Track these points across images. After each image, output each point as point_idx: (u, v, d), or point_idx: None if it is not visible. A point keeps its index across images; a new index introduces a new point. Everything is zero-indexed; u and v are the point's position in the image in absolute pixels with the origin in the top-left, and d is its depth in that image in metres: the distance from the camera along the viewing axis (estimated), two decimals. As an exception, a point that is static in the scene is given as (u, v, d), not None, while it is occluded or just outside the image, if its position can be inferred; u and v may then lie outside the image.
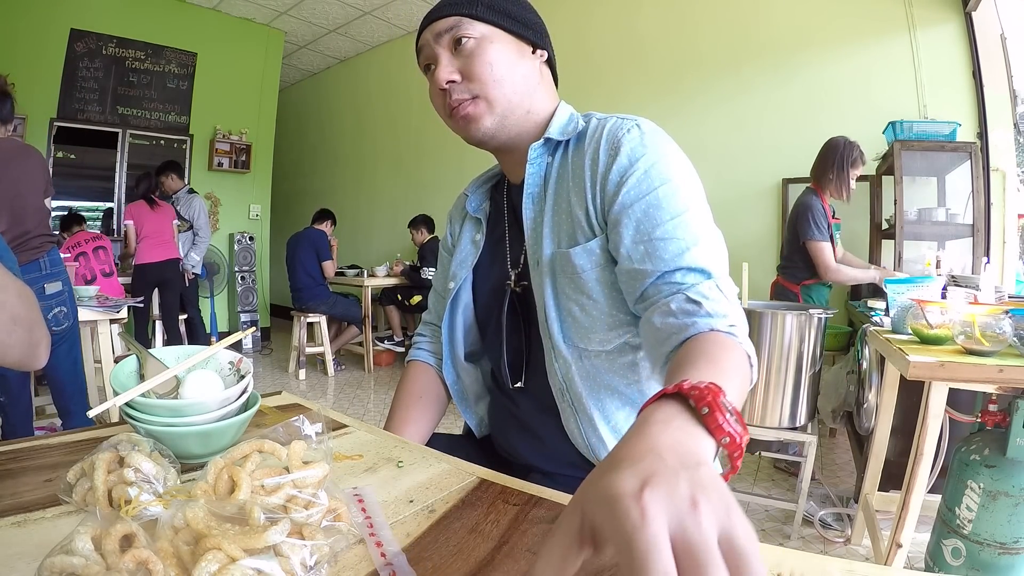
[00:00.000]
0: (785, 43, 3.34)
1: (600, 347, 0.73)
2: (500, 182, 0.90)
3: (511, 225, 0.85)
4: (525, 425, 0.82)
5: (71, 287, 2.02)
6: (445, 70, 0.72)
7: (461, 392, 0.91)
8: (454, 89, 0.73)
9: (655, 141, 0.69)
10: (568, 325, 0.74)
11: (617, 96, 4.02)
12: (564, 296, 0.73)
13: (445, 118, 0.77)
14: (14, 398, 1.89)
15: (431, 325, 0.98)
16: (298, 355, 4.22)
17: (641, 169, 0.67)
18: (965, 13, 2.78)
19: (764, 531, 1.91)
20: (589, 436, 0.74)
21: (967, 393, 1.33)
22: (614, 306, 0.72)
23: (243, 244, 5.32)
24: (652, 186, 0.66)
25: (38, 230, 1.90)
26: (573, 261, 0.71)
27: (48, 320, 1.89)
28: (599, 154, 0.71)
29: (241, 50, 5.26)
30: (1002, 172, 2.73)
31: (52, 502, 0.49)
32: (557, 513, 0.50)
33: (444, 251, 0.98)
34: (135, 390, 0.57)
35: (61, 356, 1.99)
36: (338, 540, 0.42)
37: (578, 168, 0.73)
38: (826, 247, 2.33)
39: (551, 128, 0.76)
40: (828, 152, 2.44)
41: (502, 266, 0.84)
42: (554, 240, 0.75)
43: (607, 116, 0.76)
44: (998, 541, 1.19)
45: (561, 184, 0.76)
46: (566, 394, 0.75)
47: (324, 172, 6.88)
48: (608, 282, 0.71)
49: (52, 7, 4.16)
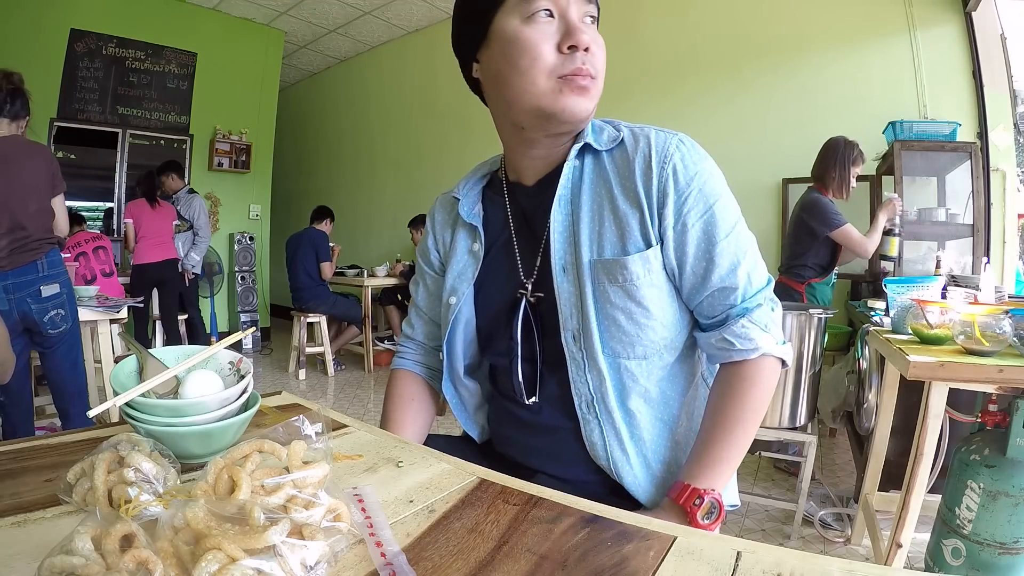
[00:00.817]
0: (785, 43, 3.34)
1: (642, 356, 0.73)
2: (493, 182, 0.85)
3: (519, 230, 0.80)
4: (536, 430, 0.80)
5: (71, 289, 2.00)
6: (590, 32, 0.67)
7: (460, 405, 0.88)
8: (587, 59, 0.67)
9: (700, 157, 0.73)
10: (611, 334, 0.73)
11: (618, 97, 4.00)
12: (609, 304, 0.72)
13: (546, 78, 0.67)
14: (14, 398, 1.89)
15: (415, 342, 0.94)
16: (298, 355, 4.22)
17: (696, 188, 0.71)
18: (965, 13, 2.78)
19: (764, 531, 1.91)
20: (613, 450, 0.73)
21: (967, 393, 1.33)
22: (663, 314, 0.73)
23: (243, 244, 5.32)
24: (708, 204, 0.71)
25: (38, 233, 1.88)
26: (628, 268, 0.71)
27: (44, 323, 1.88)
28: (652, 168, 0.71)
29: (241, 50, 5.26)
30: (1002, 172, 2.73)
31: (52, 502, 0.49)
32: (557, 513, 0.50)
33: (425, 265, 0.91)
34: (135, 390, 0.57)
35: (60, 358, 1.97)
36: (338, 540, 0.42)
37: (624, 179, 0.73)
38: (850, 230, 2.36)
39: (586, 134, 0.75)
40: (829, 152, 2.44)
41: (512, 276, 0.80)
42: (594, 247, 0.73)
43: (641, 127, 0.75)
44: (998, 541, 1.19)
45: (598, 191, 0.74)
46: (595, 405, 0.74)
47: (324, 172, 6.88)
48: (659, 290, 0.72)
49: (52, 7, 4.16)
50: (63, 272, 1.97)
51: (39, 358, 2.01)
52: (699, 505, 0.66)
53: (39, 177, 1.91)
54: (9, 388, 1.86)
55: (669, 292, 0.73)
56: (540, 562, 0.42)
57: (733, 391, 0.72)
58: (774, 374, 0.74)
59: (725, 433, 0.71)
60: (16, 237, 1.83)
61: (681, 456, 0.76)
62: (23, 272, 1.84)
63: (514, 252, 0.80)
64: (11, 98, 1.93)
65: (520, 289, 0.79)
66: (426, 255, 0.91)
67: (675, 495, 0.69)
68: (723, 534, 0.48)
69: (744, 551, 0.43)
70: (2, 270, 1.81)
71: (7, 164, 1.85)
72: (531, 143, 0.75)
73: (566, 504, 0.52)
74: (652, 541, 0.45)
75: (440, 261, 0.90)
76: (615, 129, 0.76)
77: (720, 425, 0.71)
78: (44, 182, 1.92)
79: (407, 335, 0.96)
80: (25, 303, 1.84)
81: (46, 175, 1.93)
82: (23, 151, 1.91)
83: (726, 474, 0.70)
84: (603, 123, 0.78)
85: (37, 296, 1.86)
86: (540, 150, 0.76)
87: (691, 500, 0.66)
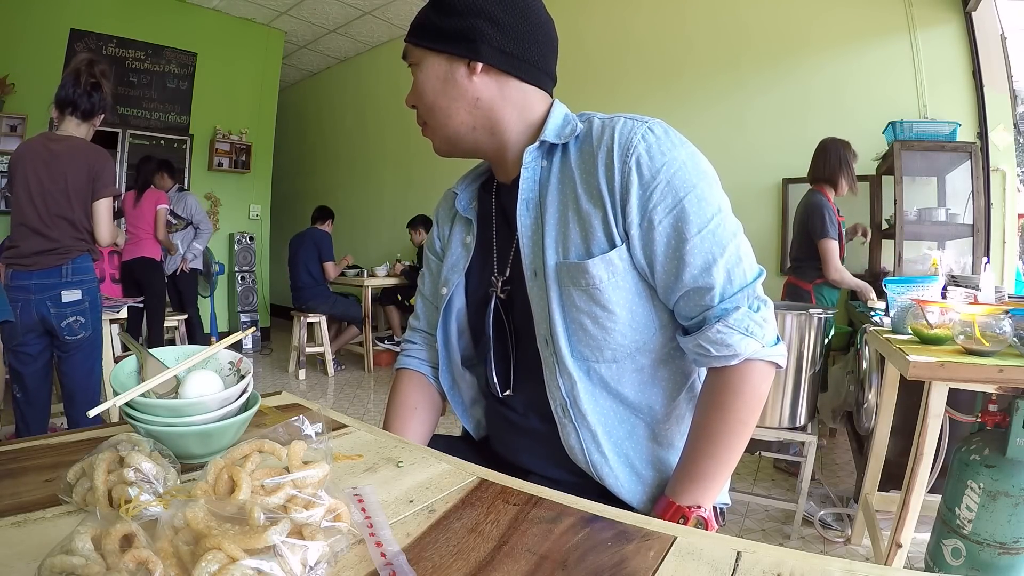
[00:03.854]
0: (785, 43, 3.34)
1: (611, 359, 0.71)
2: (489, 180, 0.85)
3: (500, 228, 0.81)
4: (521, 430, 0.80)
5: (96, 297, 1.95)
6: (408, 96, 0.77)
7: (458, 397, 0.89)
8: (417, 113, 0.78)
9: (670, 146, 0.67)
10: (578, 339, 0.71)
11: (614, 95, 4.01)
12: (574, 308, 0.70)
13: None
14: (30, 396, 1.87)
15: (421, 332, 0.95)
16: (298, 355, 4.22)
17: (663, 181, 0.66)
18: (965, 13, 2.78)
19: (764, 531, 1.91)
20: (591, 453, 0.72)
21: (967, 393, 1.33)
22: (632, 317, 0.70)
23: (243, 244, 5.32)
24: (678, 197, 0.66)
25: (66, 238, 1.84)
26: (590, 271, 0.68)
27: (61, 328, 1.85)
28: (613, 161, 0.67)
29: (241, 50, 5.25)
30: (1002, 172, 2.73)
31: (52, 502, 0.49)
32: (557, 513, 0.50)
33: (431, 254, 0.93)
34: (135, 390, 0.57)
35: (75, 365, 1.95)
36: (338, 540, 0.42)
37: (588, 175, 0.70)
38: (834, 247, 2.39)
39: (546, 131, 0.72)
40: (826, 152, 2.48)
41: (490, 271, 0.81)
42: (559, 249, 0.71)
43: (612, 117, 0.72)
44: (998, 541, 1.19)
45: (564, 190, 0.72)
46: (569, 410, 0.72)
47: (324, 172, 6.87)
48: (627, 293, 0.69)
49: (52, 7, 4.15)
50: (90, 280, 1.93)
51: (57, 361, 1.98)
52: (683, 524, 0.65)
53: (79, 180, 1.86)
54: (26, 386, 1.85)
55: (639, 293, 0.70)
56: (540, 562, 0.42)
57: (716, 402, 0.69)
58: (764, 380, 0.69)
59: (710, 447, 0.68)
60: (44, 239, 1.81)
61: (674, 457, 0.75)
62: (47, 275, 1.82)
63: (493, 249, 0.81)
64: (88, 94, 1.84)
65: (491, 287, 0.80)
66: (431, 245, 0.94)
67: (660, 511, 0.68)
68: (723, 534, 0.48)
69: (744, 551, 0.43)
70: (27, 269, 1.80)
71: (50, 165, 1.81)
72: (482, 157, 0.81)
73: (566, 504, 0.52)
74: (652, 541, 0.45)
75: (442, 250, 0.92)
76: (581, 122, 0.74)
77: (704, 439, 0.68)
78: (83, 185, 1.87)
79: (413, 327, 0.96)
80: (44, 305, 1.82)
81: (86, 178, 1.87)
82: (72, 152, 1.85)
83: (713, 489, 0.68)
84: (574, 116, 0.76)
85: (57, 300, 1.84)
86: (490, 159, 0.80)
87: (675, 519, 0.66)
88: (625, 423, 0.74)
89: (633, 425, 0.74)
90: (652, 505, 0.73)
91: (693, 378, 0.77)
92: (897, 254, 2.61)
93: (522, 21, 0.72)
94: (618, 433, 0.73)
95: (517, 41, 0.72)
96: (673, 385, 0.75)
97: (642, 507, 0.73)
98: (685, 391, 0.76)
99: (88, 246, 1.93)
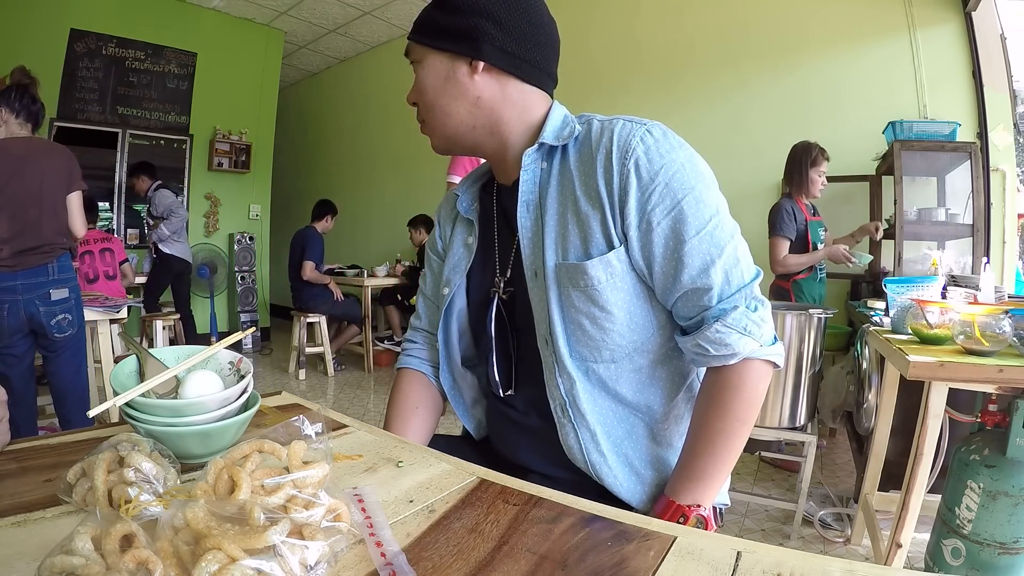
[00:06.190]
0: (785, 43, 3.34)
1: (610, 359, 0.72)
2: (490, 182, 0.86)
3: (501, 229, 0.82)
4: (522, 428, 0.80)
5: (79, 295, 1.99)
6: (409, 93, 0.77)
7: (459, 397, 0.89)
8: (417, 110, 0.78)
9: (669, 148, 0.68)
10: (577, 339, 0.72)
11: (615, 95, 4.01)
12: (573, 309, 0.71)
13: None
14: (17, 398, 1.88)
15: (423, 332, 0.95)
16: (298, 355, 4.21)
17: (662, 183, 0.66)
18: (965, 13, 2.78)
19: (764, 531, 1.91)
20: (590, 452, 0.73)
21: (967, 393, 1.33)
22: (630, 318, 0.71)
23: (243, 244, 5.32)
24: (676, 199, 0.66)
25: (50, 236, 1.86)
26: (588, 273, 0.68)
27: (51, 326, 1.87)
28: (612, 163, 0.68)
29: (241, 50, 5.25)
30: (1002, 172, 2.73)
31: (52, 502, 0.49)
32: (557, 513, 0.50)
33: (433, 254, 0.93)
34: (135, 390, 0.57)
35: (63, 364, 1.96)
36: (338, 540, 0.42)
37: (587, 177, 0.70)
38: (782, 243, 2.45)
39: (545, 132, 0.73)
40: (790, 159, 2.55)
41: (492, 272, 0.82)
42: (558, 251, 0.72)
43: (611, 119, 0.72)
44: (998, 541, 1.19)
45: (564, 192, 0.72)
46: (568, 410, 0.73)
47: (324, 172, 6.88)
48: (625, 294, 0.70)
49: (52, 7, 4.16)
50: (73, 277, 1.96)
51: (43, 361, 2.00)
52: (683, 523, 0.65)
53: (57, 178, 1.89)
54: (13, 389, 1.86)
55: (637, 294, 0.71)
56: (540, 562, 0.42)
57: (716, 401, 0.69)
58: (762, 379, 0.70)
59: (709, 446, 0.68)
60: (28, 239, 1.82)
61: (673, 457, 0.75)
62: (33, 274, 1.83)
63: (495, 250, 0.82)
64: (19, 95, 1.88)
65: (493, 287, 0.80)
66: (434, 245, 0.94)
67: (659, 511, 0.69)
68: (723, 534, 0.48)
69: (744, 551, 0.43)
70: (11, 270, 1.80)
71: (23, 165, 1.82)
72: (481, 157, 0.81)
73: (566, 504, 0.52)
74: (652, 541, 0.45)
75: (444, 250, 0.92)
76: (580, 124, 0.74)
77: (704, 438, 0.69)
78: (61, 182, 1.90)
79: (414, 326, 0.96)
80: (33, 305, 1.84)
81: (63, 175, 1.91)
82: (41, 152, 1.88)
83: (712, 488, 0.68)
84: (573, 118, 0.76)
85: (46, 299, 1.85)
86: (490, 160, 0.81)
87: (675, 518, 0.66)
88: (624, 423, 0.74)
89: (632, 425, 0.74)
90: (651, 504, 0.73)
91: (691, 378, 0.78)
92: (897, 254, 2.61)
93: (525, 22, 0.72)
94: (617, 433, 0.73)
95: (519, 41, 0.72)
96: (671, 385, 0.76)
97: (641, 507, 0.73)
98: (683, 391, 0.77)
99: (69, 244, 1.96)
